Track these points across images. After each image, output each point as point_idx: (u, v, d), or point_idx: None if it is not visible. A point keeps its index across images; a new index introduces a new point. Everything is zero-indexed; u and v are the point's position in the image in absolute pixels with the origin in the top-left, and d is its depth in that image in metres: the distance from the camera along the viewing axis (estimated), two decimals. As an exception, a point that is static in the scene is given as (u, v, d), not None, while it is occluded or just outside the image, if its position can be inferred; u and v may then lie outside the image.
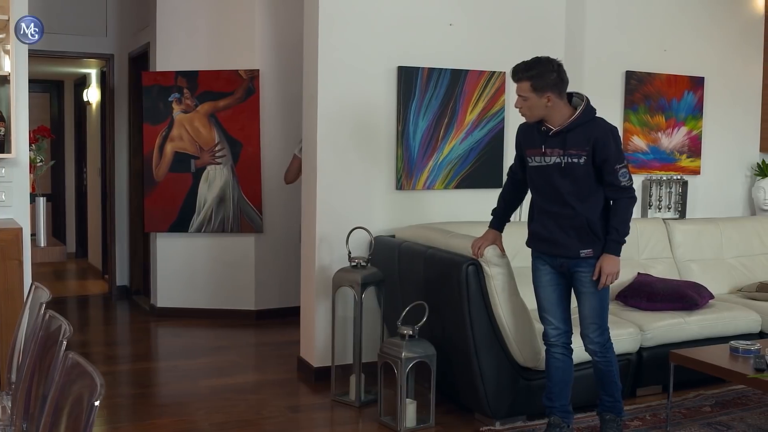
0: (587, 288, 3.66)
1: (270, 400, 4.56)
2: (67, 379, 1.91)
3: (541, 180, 3.67)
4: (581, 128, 3.57)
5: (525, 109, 3.62)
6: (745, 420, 4.17)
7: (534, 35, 5.36)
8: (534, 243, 3.80)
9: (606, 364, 3.74)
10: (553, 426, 3.80)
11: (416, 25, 5.01)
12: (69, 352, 1.97)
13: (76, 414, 1.85)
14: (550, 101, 3.55)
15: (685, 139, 5.93)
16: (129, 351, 5.99)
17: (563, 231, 3.63)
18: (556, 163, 3.59)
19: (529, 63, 3.61)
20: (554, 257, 3.71)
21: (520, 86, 3.59)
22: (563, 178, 3.58)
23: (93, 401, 1.62)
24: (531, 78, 3.55)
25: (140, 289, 7.54)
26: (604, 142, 3.55)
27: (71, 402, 1.91)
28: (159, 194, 6.52)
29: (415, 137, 5.04)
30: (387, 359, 4.05)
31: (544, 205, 3.69)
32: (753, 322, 4.80)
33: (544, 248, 3.74)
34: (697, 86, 5.92)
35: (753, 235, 5.78)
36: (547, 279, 3.76)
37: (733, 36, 6.09)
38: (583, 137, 3.56)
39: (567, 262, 3.67)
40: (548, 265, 3.75)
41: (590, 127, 3.59)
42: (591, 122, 3.60)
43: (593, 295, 3.66)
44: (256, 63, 6.42)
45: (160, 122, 6.47)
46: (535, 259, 3.81)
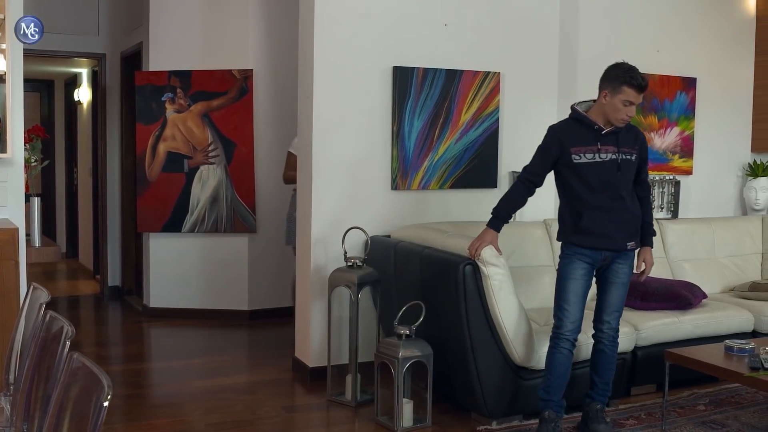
0: (622, 279, 3.90)
1: (266, 400, 4.55)
2: (72, 380, 1.91)
3: (595, 176, 3.79)
4: (627, 130, 3.85)
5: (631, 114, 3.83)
6: (739, 418, 4.19)
7: (528, 36, 5.39)
8: (583, 238, 3.84)
9: (612, 349, 3.97)
10: (548, 421, 3.84)
11: (411, 25, 5.02)
12: (73, 352, 1.97)
13: (82, 415, 1.84)
14: (606, 98, 3.79)
15: (677, 139, 5.96)
16: (122, 351, 5.97)
17: (614, 224, 3.81)
18: (612, 159, 3.79)
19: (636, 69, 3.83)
20: (600, 251, 3.83)
21: (641, 96, 3.78)
22: (619, 173, 3.79)
23: (101, 402, 1.61)
24: (601, 79, 3.83)
25: (132, 290, 7.52)
26: (645, 145, 3.96)
27: (76, 403, 1.90)
28: (152, 194, 6.50)
29: (410, 137, 5.04)
30: (384, 359, 4.05)
31: (595, 200, 3.80)
32: (746, 321, 4.84)
33: (593, 243, 3.82)
34: (689, 87, 5.95)
35: (745, 234, 5.81)
36: (581, 273, 3.85)
37: (725, 37, 6.12)
38: (632, 138, 3.86)
39: (611, 255, 3.85)
40: (587, 259, 3.84)
41: (634, 130, 3.93)
42: (632, 127, 3.92)
43: (624, 285, 3.93)
44: (250, 63, 6.41)
45: (153, 122, 6.46)
46: (574, 254, 3.85)
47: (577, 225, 3.84)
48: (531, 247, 4.98)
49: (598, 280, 3.95)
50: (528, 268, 4.89)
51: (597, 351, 3.98)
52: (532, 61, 5.42)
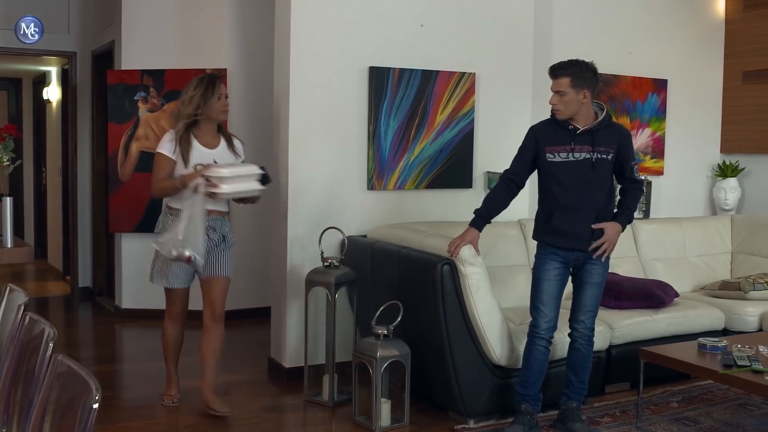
0: (596, 279, 3.94)
1: (242, 401, 4.53)
2: (56, 383, 1.89)
3: (568, 175, 3.82)
4: (606, 129, 3.85)
5: (560, 105, 3.80)
6: (711, 415, 4.26)
7: (503, 38, 5.43)
8: (552, 238, 3.88)
9: (588, 348, 4.00)
10: (525, 413, 3.91)
11: (387, 26, 5.03)
12: (57, 355, 1.95)
13: (67, 418, 1.83)
14: (586, 98, 3.78)
15: (649, 140, 6.03)
16: (94, 353, 5.91)
17: (584, 225, 3.81)
18: (586, 158, 3.81)
19: (569, 61, 3.85)
20: (572, 251, 3.85)
21: (558, 82, 3.79)
22: (593, 173, 3.80)
23: (90, 404, 1.60)
24: (572, 74, 3.76)
25: (104, 290, 7.45)
26: (628, 143, 3.93)
27: (61, 406, 1.88)
28: (124, 194, 6.44)
29: (386, 137, 5.05)
30: (362, 359, 4.05)
31: (568, 200, 3.83)
32: (717, 319, 4.92)
33: (565, 243, 3.85)
34: (660, 88, 6.03)
35: (715, 234, 5.91)
36: (555, 273, 3.89)
37: (695, 40, 6.21)
38: (610, 137, 3.85)
39: (583, 256, 3.86)
40: (560, 259, 3.88)
41: (614, 128, 3.93)
42: (613, 125, 3.96)
43: (599, 286, 3.95)
44: (224, 62, 6.38)
45: (126, 121, 6.40)
46: (548, 254, 3.90)
47: (548, 224, 3.89)
48: (506, 246, 5.02)
49: (573, 279, 4.00)
50: (503, 267, 4.93)
51: (573, 350, 4.04)
52: (507, 62, 5.46)
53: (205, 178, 3.97)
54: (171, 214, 4.18)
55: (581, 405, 4.05)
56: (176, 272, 4.25)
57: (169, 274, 4.26)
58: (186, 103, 4.18)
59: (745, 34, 6.20)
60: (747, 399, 4.49)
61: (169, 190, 4.19)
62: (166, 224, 4.19)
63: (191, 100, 4.16)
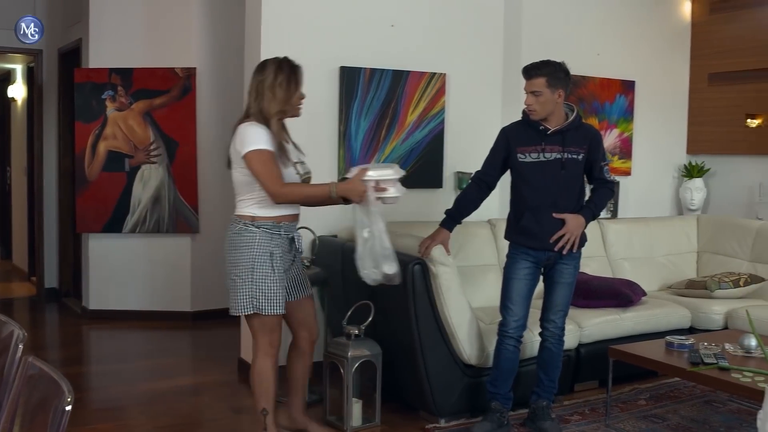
0: (566, 279, 3.95)
1: (213, 402, 4.51)
2: (27, 385, 1.87)
3: (538, 175, 3.83)
4: (576, 130, 3.86)
5: (536, 105, 3.80)
6: (678, 412, 4.32)
7: (474, 39, 5.46)
8: (522, 238, 3.90)
9: (558, 347, 4.02)
10: (495, 411, 3.94)
11: (358, 26, 5.03)
12: (28, 356, 1.93)
13: (37, 420, 1.81)
14: (561, 97, 3.80)
15: (617, 141, 6.10)
16: (61, 355, 5.82)
17: (556, 225, 3.80)
18: (556, 158, 3.81)
19: (543, 61, 3.84)
20: (542, 251, 3.86)
21: (533, 82, 3.79)
22: (563, 173, 3.81)
23: (63, 406, 1.59)
24: (547, 74, 3.77)
25: (70, 291, 7.36)
26: (597, 143, 3.93)
27: (31, 408, 1.86)
28: (91, 194, 6.37)
29: (357, 137, 5.05)
30: (333, 359, 4.05)
31: (537, 201, 3.84)
32: (684, 317, 4.99)
33: (534, 243, 3.87)
34: (628, 90, 6.10)
35: (681, 234, 5.99)
36: (525, 273, 3.90)
37: (662, 42, 6.29)
38: (580, 137, 3.86)
39: (554, 255, 3.86)
40: (531, 259, 3.89)
41: (585, 129, 3.94)
42: (584, 126, 3.97)
43: (569, 285, 3.96)
44: (193, 61, 6.34)
45: (93, 120, 6.33)
46: (519, 253, 3.92)
47: (518, 224, 3.91)
48: (476, 246, 5.04)
49: (545, 279, 4.02)
50: (473, 267, 4.95)
51: (543, 349, 4.06)
52: (478, 63, 5.49)
53: (369, 182, 3.42)
54: (257, 226, 3.46)
55: (551, 403, 4.08)
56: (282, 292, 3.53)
57: (279, 296, 3.49)
58: (270, 98, 3.46)
59: (711, 37, 6.30)
60: (713, 396, 4.56)
61: (315, 198, 3.53)
62: (253, 240, 3.44)
63: (274, 94, 3.47)
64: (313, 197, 3.54)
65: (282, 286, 3.49)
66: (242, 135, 3.43)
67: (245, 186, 3.49)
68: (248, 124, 3.45)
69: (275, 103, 3.46)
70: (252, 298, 3.43)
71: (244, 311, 3.46)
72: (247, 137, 3.40)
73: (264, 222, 3.45)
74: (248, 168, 3.40)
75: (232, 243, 3.49)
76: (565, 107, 3.90)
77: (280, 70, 3.51)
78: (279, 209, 3.48)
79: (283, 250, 3.51)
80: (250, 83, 3.56)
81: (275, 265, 3.44)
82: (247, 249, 3.43)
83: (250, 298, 3.43)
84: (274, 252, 3.45)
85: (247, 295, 3.43)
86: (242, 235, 3.45)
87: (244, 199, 3.51)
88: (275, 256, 3.46)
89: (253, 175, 3.40)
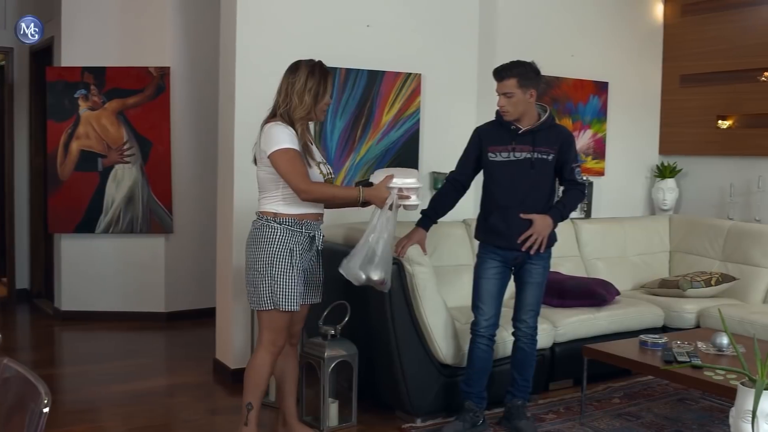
0: (536, 279, 3.94)
1: (188, 403, 4.48)
2: (3, 387, 1.85)
3: (507, 175, 3.84)
4: (548, 131, 3.87)
5: (509, 106, 3.81)
6: (652, 410, 4.36)
7: (449, 40, 5.48)
8: (490, 237, 3.92)
9: (531, 347, 4.03)
10: (468, 410, 3.96)
11: (334, 26, 5.03)
12: (3, 358, 1.90)
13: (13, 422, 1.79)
14: (532, 97, 3.81)
15: (590, 141, 6.15)
16: (33, 357, 5.76)
17: (523, 225, 3.80)
18: (526, 158, 3.82)
19: (513, 62, 3.86)
20: (510, 251, 3.86)
21: (505, 84, 3.80)
22: (531, 172, 3.82)
23: (40, 409, 1.57)
24: (518, 75, 3.79)
25: (42, 292, 7.28)
26: (569, 144, 3.92)
27: (6, 410, 1.84)
28: (64, 194, 6.31)
29: (332, 137, 5.05)
30: (309, 359, 4.05)
31: (505, 200, 3.86)
32: (657, 316, 5.04)
33: (502, 242, 3.88)
34: (601, 91, 6.15)
35: (654, 233, 6.05)
36: (494, 272, 3.92)
37: (635, 44, 6.35)
38: (551, 138, 3.87)
39: (521, 256, 3.86)
40: (499, 258, 3.91)
41: (557, 130, 3.95)
42: (556, 126, 3.98)
43: (539, 285, 3.96)
44: (167, 60, 6.30)
45: (66, 119, 6.27)
46: (487, 253, 3.94)
47: (486, 223, 3.94)
48: (451, 246, 5.05)
49: (515, 279, 4.04)
50: (449, 267, 4.96)
51: (517, 349, 4.07)
52: (453, 64, 5.51)
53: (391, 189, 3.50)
54: (279, 223, 3.47)
55: (526, 402, 4.10)
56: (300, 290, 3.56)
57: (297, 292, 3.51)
58: (297, 104, 3.48)
59: (683, 39, 6.37)
60: (686, 394, 4.62)
61: (342, 199, 3.64)
62: (274, 236, 3.46)
63: (302, 100, 3.48)
64: (341, 198, 3.64)
65: (300, 283, 3.53)
66: (268, 135, 3.46)
67: (270, 183, 3.51)
68: (274, 124, 3.48)
69: (302, 108, 3.49)
70: (271, 293, 3.46)
71: (263, 306, 3.49)
72: (273, 137, 3.43)
73: (286, 219, 3.48)
74: (274, 167, 3.43)
75: (253, 238, 3.52)
76: (539, 108, 3.92)
77: (312, 75, 3.54)
78: (303, 207, 3.52)
79: (303, 248, 3.54)
80: (281, 82, 3.58)
81: (294, 262, 3.48)
82: (268, 244, 3.46)
83: (269, 293, 3.46)
84: (294, 249, 3.48)
85: (267, 290, 3.46)
86: (264, 230, 3.48)
87: (267, 197, 3.54)
88: (295, 252, 3.49)
89: (279, 173, 3.43)
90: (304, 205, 3.50)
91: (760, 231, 5.53)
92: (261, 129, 3.55)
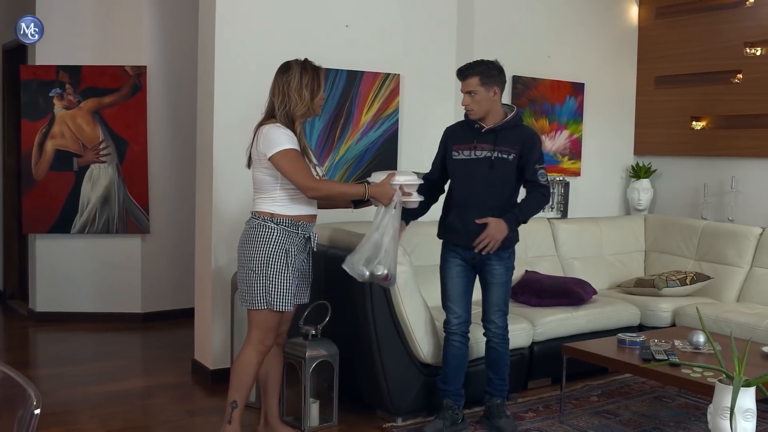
0: (498, 279, 3.93)
1: (167, 404, 4.46)
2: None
3: (467, 173, 3.85)
4: (512, 130, 3.86)
5: (473, 105, 3.82)
6: (629, 408, 4.41)
7: (427, 40, 5.49)
8: (449, 236, 3.95)
9: (504, 346, 4.02)
10: (446, 408, 3.98)
11: (313, 26, 5.02)
12: (-12, 360, 1.89)
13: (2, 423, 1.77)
14: (496, 95, 3.82)
15: (566, 142, 6.20)
16: (7, 359, 5.68)
17: (480, 225, 3.80)
18: (486, 157, 3.83)
19: (475, 61, 3.87)
20: (467, 250, 3.87)
21: (468, 82, 3.81)
22: (490, 171, 3.81)
23: (31, 411, 1.56)
24: (480, 73, 3.80)
25: (16, 293, 7.19)
26: (531, 145, 3.87)
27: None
28: (38, 194, 6.24)
29: (311, 137, 5.04)
30: (290, 359, 4.04)
31: (465, 198, 3.87)
32: (633, 315, 5.10)
33: (460, 241, 3.90)
34: (578, 92, 6.21)
35: (629, 233, 6.12)
36: (456, 271, 3.94)
37: (611, 46, 6.42)
38: (513, 138, 3.85)
39: (478, 256, 3.86)
40: (460, 257, 3.93)
41: (520, 130, 3.92)
42: (520, 126, 3.93)
43: (503, 285, 3.95)
44: (143, 59, 6.25)
45: (40, 118, 6.20)
46: (448, 251, 3.98)
47: (444, 221, 3.97)
48: (430, 246, 5.03)
49: (480, 280, 4.03)
50: (427, 267, 4.96)
51: (489, 349, 4.06)
52: (431, 65, 5.52)
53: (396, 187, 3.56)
54: (276, 223, 3.49)
55: (505, 401, 4.11)
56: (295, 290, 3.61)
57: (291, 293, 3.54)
58: (296, 101, 3.50)
59: (657, 41, 6.45)
60: (662, 392, 4.67)
61: (348, 196, 3.71)
62: (270, 236, 3.48)
63: (301, 96, 3.50)
64: (347, 195, 3.71)
65: (294, 284, 3.56)
66: (267, 137, 3.46)
67: (267, 184, 3.53)
68: (272, 126, 3.49)
69: (302, 105, 3.51)
70: (265, 293, 3.48)
71: (256, 306, 3.50)
72: (273, 139, 3.44)
73: (283, 220, 3.51)
74: (278, 169, 3.44)
75: (248, 238, 3.53)
76: (506, 107, 3.94)
77: (305, 72, 3.57)
78: (299, 208, 3.55)
79: (298, 248, 3.56)
80: (274, 84, 3.57)
81: (290, 262, 3.51)
82: (264, 244, 3.48)
83: (263, 293, 3.48)
84: (289, 249, 3.51)
85: (261, 290, 3.48)
86: (260, 230, 3.50)
87: (264, 197, 3.56)
88: (291, 253, 3.51)
89: (283, 174, 3.45)
90: (300, 206, 3.54)
91: (733, 231, 5.62)
92: (255, 131, 3.55)
